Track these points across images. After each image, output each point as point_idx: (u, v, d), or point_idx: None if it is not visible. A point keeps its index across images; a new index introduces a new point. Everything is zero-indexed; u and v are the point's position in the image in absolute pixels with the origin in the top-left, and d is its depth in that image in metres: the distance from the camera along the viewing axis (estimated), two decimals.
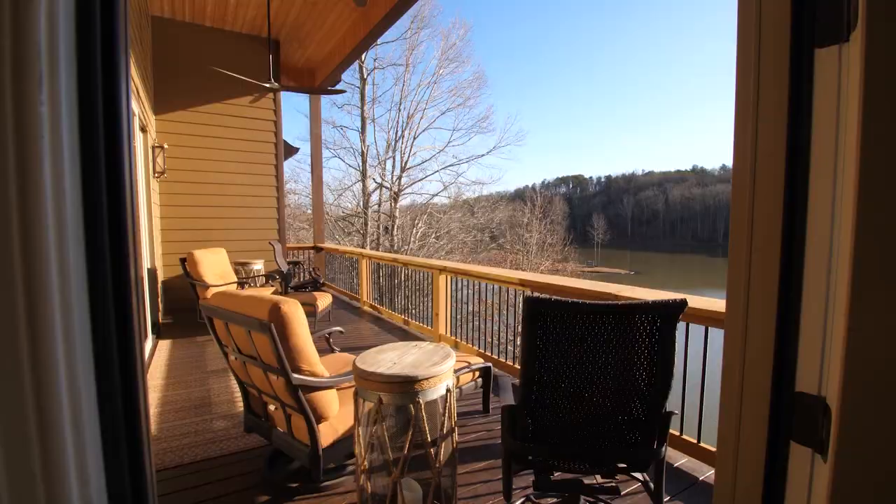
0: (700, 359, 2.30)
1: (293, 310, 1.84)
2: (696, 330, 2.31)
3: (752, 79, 0.75)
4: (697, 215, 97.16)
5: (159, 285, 5.64)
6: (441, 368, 1.60)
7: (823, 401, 0.66)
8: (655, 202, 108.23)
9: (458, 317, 4.74)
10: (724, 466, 0.80)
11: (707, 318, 2.18)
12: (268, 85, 5.02)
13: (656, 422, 1.55)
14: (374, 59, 18.73)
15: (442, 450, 1.67)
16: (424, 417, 1.56)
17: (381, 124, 19.74)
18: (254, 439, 2.52)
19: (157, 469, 2.24)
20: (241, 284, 5.76)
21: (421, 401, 1.55)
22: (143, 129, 4.83)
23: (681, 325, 2.31)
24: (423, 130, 19.68)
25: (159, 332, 5.02)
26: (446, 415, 1.65)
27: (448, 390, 1.65)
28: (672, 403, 2.45)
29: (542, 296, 1.51)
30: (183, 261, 5.35)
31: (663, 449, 1.58)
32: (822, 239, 0.67)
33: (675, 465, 2.31)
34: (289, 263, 7.13)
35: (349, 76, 18.59)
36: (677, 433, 2.40)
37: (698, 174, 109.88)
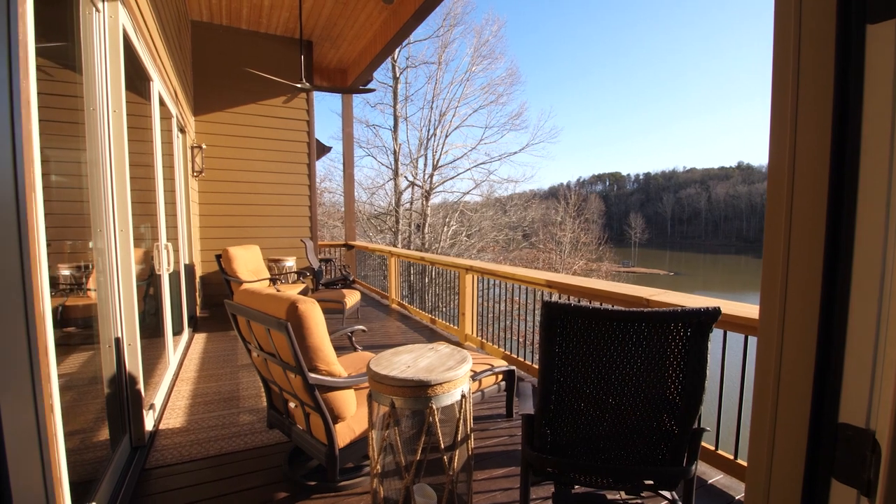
0: (738, 369, 2.15)
1: (311, 309, 1.83)
2: (736, 339, 2.16)
3: (791, 62, 0.66)
4: (743, 214, 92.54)
5: (197, 280, 5.86)
6: (455, 374, 1.55)
7: (872, 435, 0.56)
8: (697, 200, 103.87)
9: (489, 316, 4.66)
10: (754, 502, 0.71)
11: (746, 327, 2.03)
12: (299, 85, 5.10)
13: (685, 438, 1.45)
14: (407, 58, 18.82)
15: (457, 455, 1.63)
16: (438, 423, 1.51)
17: (413, 122, 19.78)
18: (276, 435, 2.55)
19: (183, 461, 2.30)
20: (273, 281, 5.90)
21: (434, 406, 1.50)
22: (182, 130, 5.01)
23: (718, 333, 2.17)
24: (456, 128, 19.63)
25: (196, 326, 5.21)
26: (461, 421, 1.60)
27: (463, 396, 1.60)
28: (708, 416, 2.31)
29: (562, 301, 1.43)
30: (218, 257, 5.53)
31: (693, 467, 1.47)
32: (874, 245, 0.58)
33: (710, 481, 2.17)
34: (320, 261, 7.26)
35: (382, 75, 18.77)
36: (712, 448, 2.25)
37: (744, 171, 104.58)
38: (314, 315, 1.85)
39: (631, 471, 1.52)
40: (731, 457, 2.19)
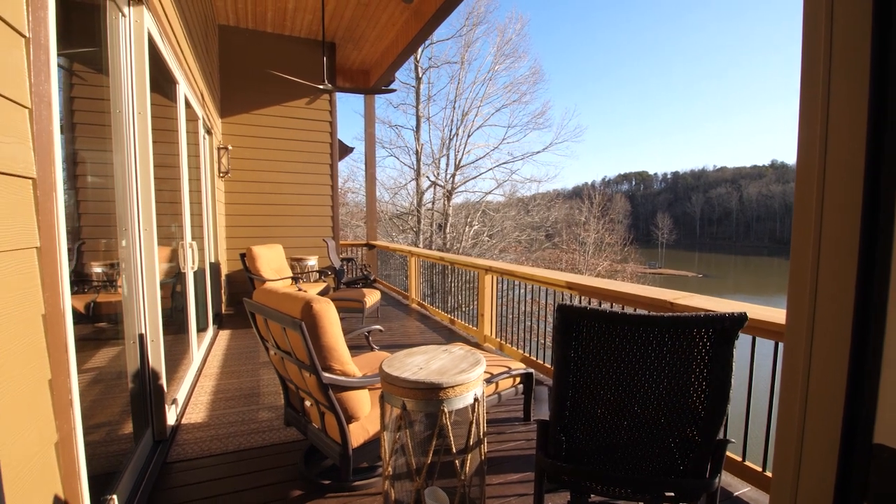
0: (768, 377, 2.04)
1: (325, 309, 1.84)
2: (766, 345, 2.05)
3: (822, 55, 0.60)
4: (776, 214, 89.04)
5: (223, 278, 5.99)
6: (468, 377, 1.52)
7: None
8: (728, 200, 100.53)
9: (511, 317, 4.60)
10: None
11: (776, 333, 1.93)
12: (321, 86, 5.15)
13: (708, 449, 1.38)
14: (430, 58, 18.86)
15: (470, 459, 1.60)
16: (450, 426, 1.49)
17: (435, 122, 19.80)
18: (293, 433, 2.58)
19: (203, 455, 2.35)
20: (295, 279, 5.99)
21: (446, 409, 1.48)
22: (209, 132, 5.14)
23: (746, 339, 2.07)
24: (478, 128, 19.57)
25: (221, 323, 5.34)
26: (474, 424, 1.57)
27: (476, 399, 1.57)
28: (735, 426, 2.21)
29: (577, 305, 1.38)
30: (243, 255, 5.65)
31: (716, 480, 1.40)
32: None
33: (736, 493, 2.07)
34: (342, 260, 7.33)
35: (405, 76, 18.87)
36: (739, 459, 2.15)
37: (777, 169, 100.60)
38: (329, 315, 1.85)
39: (650, 482, 1.46)
40: (760, 469, 2.09)
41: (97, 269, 2.34)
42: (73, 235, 2.46)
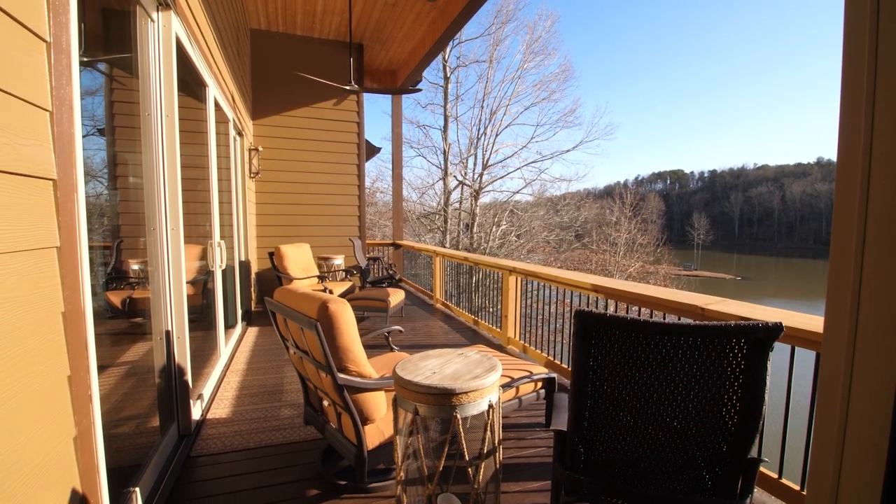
0: (808, 389, 1.90)
1: (341, 309, 1.83)
2: (806, 356, 1.91)
3: (865, 37, 0.53)
4: (822, 214, 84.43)
5: (252, 276, 6.15)
6: (482, 383, 1.48)
7: None
8: (769, 199, 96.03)
9: (539, 318, 4.51)
10: None
11: (819, 343, 1.79)
12: (347, 87, 5.20)
13: (739, 467, 1.29)
14: (458, 58, 18.82)
15: (484, 467, 1.55)
16: (462, 433, 1.45)
17: (463, 122, 19.74)
18: (312, 431, 2.59)
19: (226, 451, 2.39)
20: (321, 278, 6.07)
21: (459, 415, 1.44)
22: (240, 134, 5.27)
23: (785, 348, 1.94)
24: (506, 126, 19.40)
25: (250, 320, 5.47)
26: (487, 432, 1.52)
27: (491, 406, 1.52)
28: (771, 442, 2.08)
29: (596, 310, 1.31)
30: (271, 254, 5.78)
31: (747, 500, 1.30)
32: None
33: None
34: (368, 259, 7.40)
35: (433, 76, 18.90)
36: (775, 476, 2.02)
37: (824, 167, 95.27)
38: (345, 315, 1.84)
39: (675, 499, 1.38)
40: (797, 487, 1.95)
41: (134, 266, 2.42)
42: (113, 234, 2.56)
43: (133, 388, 2.33)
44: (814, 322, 1.85)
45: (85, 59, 2.25)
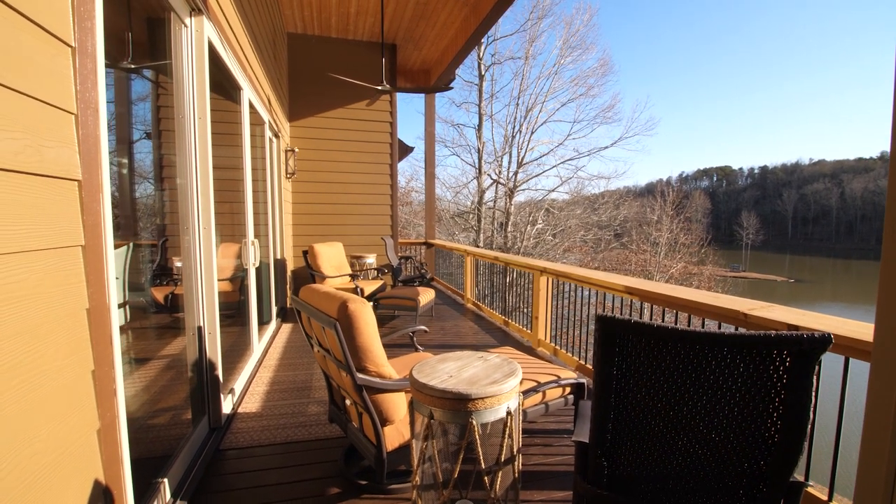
0: (861, 405, 1.73)
1: (361, 309, 1.82)
2: (860, 367, 1.74)
3: None
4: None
5: (288, 274, 6.31)
6: (499, 388, 1.42)
7: None
8: (826, 197, 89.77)
9: (574, 320, 4.38)
10: None
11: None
12: (380, 87, 5.23)
13: (779, 490, 1.17)
14: (493, 55, 18.66)
15: (501, 475, 1.50)
16: (478, 440, 1.40)
17: (498, 120, 19.54)
18: (336, 429, 2.61)
19: (253, 445, 2.44)
20: (353, 277, 6.16)
21: (475, 422, 1.39)
22: (276, 135, 5.41)
23: (838, 359, 1.77)
24: (542, 124, 19.07)
25: (284, 317, 5.62)
26: (505, 439, 1.47)
27: (509, 413, 1.47)
28: (821, 462, 1.91)
29: (620, 316, 1.23)
30: (305, 253, 5.91)
31: None
32: None
33: None
34: (400, 258, 7.45)
35: (468, 74, 18.83)
36: (824, 498, 1.85)
37: (888, 162, 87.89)
38: (364, 315, 1.83)
39: None
40: None
41: (178, 263, 2.52)
42: (159, 232, 2.68)
43: (170, 381, 2.42)
44: (870, 331, 1.68)
45: (132, 67, 2.36)
